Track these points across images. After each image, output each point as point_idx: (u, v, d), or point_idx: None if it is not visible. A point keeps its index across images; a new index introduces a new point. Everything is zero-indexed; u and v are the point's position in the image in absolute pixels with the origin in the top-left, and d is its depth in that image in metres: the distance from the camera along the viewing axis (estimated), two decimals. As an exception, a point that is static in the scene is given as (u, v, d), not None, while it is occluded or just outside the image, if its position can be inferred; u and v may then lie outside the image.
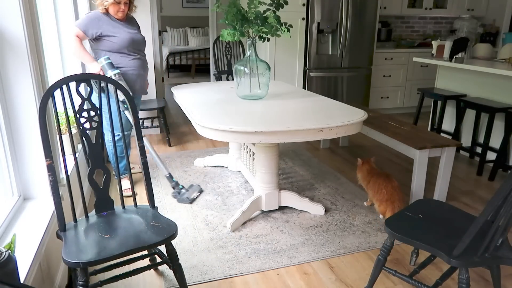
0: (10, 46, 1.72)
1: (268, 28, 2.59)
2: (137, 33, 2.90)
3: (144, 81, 3.00)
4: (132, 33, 2.83)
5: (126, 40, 2.78)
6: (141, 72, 2.94)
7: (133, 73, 2.86)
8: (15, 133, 1.83)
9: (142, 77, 2.96)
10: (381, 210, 2.67)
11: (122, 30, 2.78)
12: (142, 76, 2.95)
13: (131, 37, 2.80)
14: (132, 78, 2.85)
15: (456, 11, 5.91)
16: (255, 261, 2.23)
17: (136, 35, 2.87)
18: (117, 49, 2.77)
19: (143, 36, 2.97)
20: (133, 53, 2.85)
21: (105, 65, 2.69)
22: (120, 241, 1.55)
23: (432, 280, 2.09)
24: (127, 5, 2.77)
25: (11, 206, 1.79)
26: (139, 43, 2.90)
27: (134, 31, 2.87)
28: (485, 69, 3.51)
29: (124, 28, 2.80)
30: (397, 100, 5.71)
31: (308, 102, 2.72)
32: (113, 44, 2.75)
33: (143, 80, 2.99)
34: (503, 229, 1.44)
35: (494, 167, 3.41)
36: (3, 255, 1.13)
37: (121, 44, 2.76)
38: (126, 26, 2.83)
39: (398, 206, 2.59)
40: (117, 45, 2.76)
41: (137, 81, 2.90)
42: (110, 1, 2.69)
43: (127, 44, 2.79)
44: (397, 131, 3.05)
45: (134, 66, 2.86)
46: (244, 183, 3.26)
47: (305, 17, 4.79)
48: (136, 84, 2.90)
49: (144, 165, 1.85)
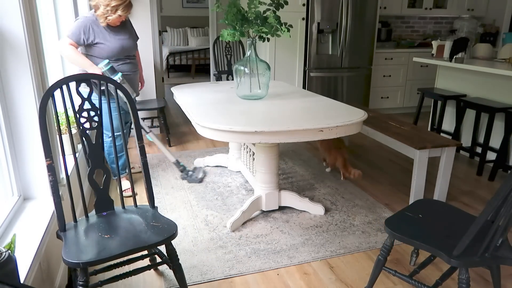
0: (10, 46, 1.72)
1: (268, 28, 2.59)
2: (128, 38, 2.84)
3: (135, 83, 2.98)
4: (123, 40, 2.78)
5: (116, 49, 2.74)
6: (131, 75, 2.91)
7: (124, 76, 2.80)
8: (15, 133, 1.83)
9: (132, 81, 2.93)
10: (331, 160, 3.29)
11: (113, 37, 2.73)
12: (132, 79, 2.92)
13: (121, 45, 2.76)
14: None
15: (456, 11, 5.92)
16: (255, 261, 2.23)
17: (127, 41, 2.81)
18: (105, 56, 2.72)
19: (134, 40, 2.93)
20: (121, 59, 2.82)
21: (107, 71, 2.65)
22: (120, 241, 1.55)
23: (432, 280, 2.09)
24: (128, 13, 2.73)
25: (11, 206, 1.79)
26: (129, 50, 2.86)
27: (126, 37, 2.82)
28: (485, 69, 3.51)
29: (115, 35, 2.74)
30: (397, 100, 5.71)
31: (308, 102, 2.72)
32: (101, 51, 2.71)
33: (134, 83, 2.96)
34: (503, 229, 1.44)
35: (494, 167, 3.41)
36: (3, 255, 1.13)
37: (109, 52, 2.72)
38: (118, 32, 2.77)
39: (345, 152, 3.22)
40: (105, 53, 2.72)
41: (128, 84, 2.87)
42: (115, 16, 2.64)
43: (116, 52, 2.75)
44: (397, 131, 3.05)
45: (124, 70, 2.82)
46: (244, 183, 3.26)
47: (305, 17, 4.79)
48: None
49: (144, 165, 1.85)
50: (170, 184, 3.24)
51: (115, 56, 2.76)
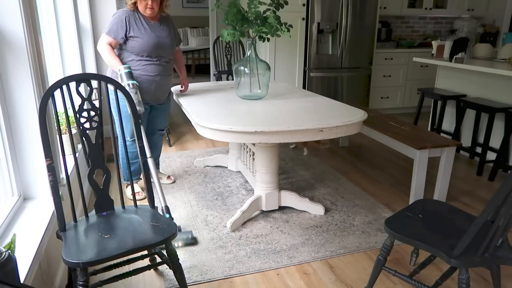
0: (10, 46, 1.72)
1: (268, 28, 2.59)
2: (165, 37, 2.67)
3: (159, 89, 2.75)
4: (159, 38, 2.62)
5: (149, 44, 2.58)
6: (159, 80, 2.71)
7: (147, 78, 2.66)
8: (15, 133, 1.83)
9: (159, 85, 2.73)
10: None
11: (149, 32, 2.59)
12: (157, 82, 2.71)
13: (155, 41, 2.60)
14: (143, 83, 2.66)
15: (456, 11, 5.91)
16: (255, 261, 2.23)
17: (163, 39, 2.65)
18: (137, 51, 2.60)
19: (172, 41, 2.74)
20: (152, 58, 2.65)
21: (123, 74, 2.54)
22: (120, 241, 1.55)
23: (432, 280, 2.09)
24: (155, 1, 2.54)
25: (11, 206, 1.79)
26: (164, 49, 2.67)
27: (163, 35, 2.66)
28: (485, 69, 3.51)
29: (152, 31, 2.60)
30: (397, 100, 5.71)
31: (308, 102, 2.72)
32: (134, 44, 2.59)
33: (159, 87, 2.74)
34: (503, 229, 1.44)
35: (494, 167, 3.41)
36: (3, 255, 1.13)
37: (142, 47, 2.58)
38: (156, 28, 2.63)
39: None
40: (138, 47, 2.59)
41: (149, 86, 2.69)
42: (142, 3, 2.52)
43: (149, 49, 2.59)
44: (397, 131, 3.05)
45: (149, 71, 2.66)
46: (244, 183, 3.26)
47: (305, 17, 4.79)
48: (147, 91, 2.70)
49: (144, 165, 1.85)
50: (170, 184, 3.24)
51: (146, 52, 2.61)
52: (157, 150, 3.14)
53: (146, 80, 2.67)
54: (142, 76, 2.66)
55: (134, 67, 2.63)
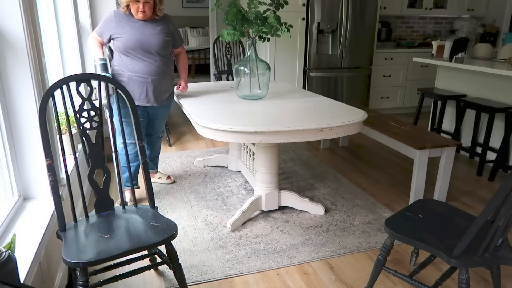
0: (10, 46, 1.72)
1: (268, 28, 2.59)
2: (152, 34, 2.59)
3: (154, 90, 2.68)
4: (146, 35, 2.57)
5: (130, 42, 2.54)
6: (148, 79, 2.63)
7: (137, 79, 2.61)
8: (15, 133, 1.83)
9: (150, 85, 2.65)
10: None
11: (133, 30, 2.55)
12: (149, 83, 2.64)
13: (137, 39, 2.55)
14: (133, 84, 2.61)
15: (456, 11, 5.91)
16: (255, 261, 2.23)
17: (149, 37, 2.57)
18: (121, 49, 2.58)
19: (162, 40, 2.62)
20: (141, 57, 2.59)
21: (98, 65, 2.53)
22: (120, 241, 1.55)
23: (432, 280, 2.09)
24: (148, 5, 2.51)
25: (11, 206, 1.79)
26: (149, 48, 2.59)
27: (150, 33, 2.58)
28: (485, 69, 3.51)
29: (137, 29, 2.56)
30: (397, 100, 5.71)
31: (308, 102, 2.72)
32: (118, 43, 2.57)
33: (153, 88, 2.67)
34: (503, 229, 1.44)
35: (494, 167, 3.41)
36: (3, 255, 1.13)
37: (125, 46, 2.55)
38: (143, 26, 2.58)
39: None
40: (121, 48, 2.57)
41: (140, 88, 2.64)
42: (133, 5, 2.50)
43: (131, 46, 2.55)
44: (397, 131, 3.05)
45: (138, 72, 2.60)
46: (244, 183, 3.26)
47: (305, 17, 4.79)
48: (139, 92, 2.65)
49: (144, 165, 1.85)
50: (170, 184, 3.24)
51: (129, 49, 2.56)
52: (154, 151, 3.12)
53: (136, 81, 2.62)
54: (132, 77, 2.61)
55: (122, 67, 2.62)
